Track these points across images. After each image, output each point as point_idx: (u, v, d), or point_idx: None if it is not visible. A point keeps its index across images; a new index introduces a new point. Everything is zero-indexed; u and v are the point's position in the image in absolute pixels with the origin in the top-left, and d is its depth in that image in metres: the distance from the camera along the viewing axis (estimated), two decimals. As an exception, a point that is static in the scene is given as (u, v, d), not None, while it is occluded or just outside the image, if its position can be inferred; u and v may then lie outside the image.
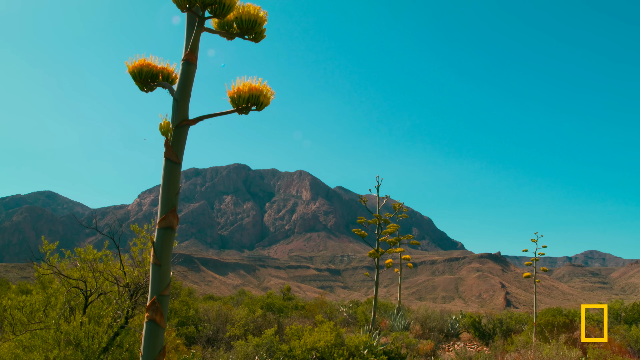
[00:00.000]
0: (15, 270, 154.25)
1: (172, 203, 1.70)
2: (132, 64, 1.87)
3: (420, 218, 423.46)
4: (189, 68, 1.76)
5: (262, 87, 1.76)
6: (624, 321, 12.10)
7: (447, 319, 13.48)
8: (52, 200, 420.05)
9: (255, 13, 1.90)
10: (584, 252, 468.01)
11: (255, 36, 1.93)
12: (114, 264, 4.36)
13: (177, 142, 1.73)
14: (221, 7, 1.63)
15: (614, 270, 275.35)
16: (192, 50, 1.74)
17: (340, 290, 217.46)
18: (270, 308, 10.04)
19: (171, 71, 1.94)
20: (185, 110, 1.77)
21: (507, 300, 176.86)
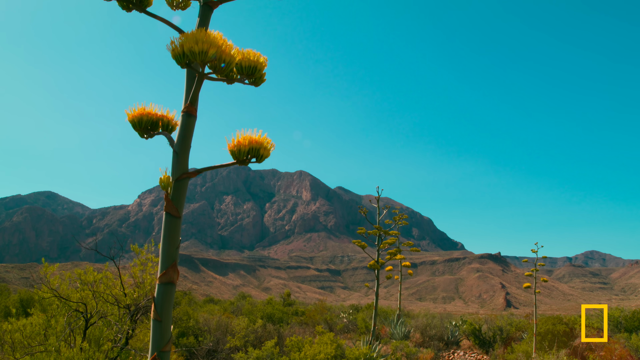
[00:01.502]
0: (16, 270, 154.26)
1: (172, 257, 1.70)
2: (132, 113, 1.87)
3: (421, 218, 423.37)
4: (189, 120, 1.76)
5: (262, 140, 1.76)
6: (624, 329, 12.09)
7: (447, 325, 13.47)
8: (52, 201, 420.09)
9: (255, 59, 1.91)
10: (584, 253, 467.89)
11: (255, 80, 1.93)
12: (115, 285, 4.37)
13: (178, 195, 1.73)
14: (221, 64, 1.63)
15: (614, 271, 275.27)
16: (192, 102, 1.74)
17: (340, 290, 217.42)
18: (271, 318, 10.04)
19: (171, 118, 1.94)
20: (185, 163, 1.77)
21: (507, 300, 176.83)
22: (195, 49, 1.55)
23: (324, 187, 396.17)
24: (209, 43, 1.56)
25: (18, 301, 11.05)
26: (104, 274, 4.32)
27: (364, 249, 8.09)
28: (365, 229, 8.32)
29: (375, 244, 8.30)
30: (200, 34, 1.57)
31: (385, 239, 8.32)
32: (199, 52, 1.56)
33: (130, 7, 1.78)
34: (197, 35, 1.56)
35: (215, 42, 1.58)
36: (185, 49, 1.57)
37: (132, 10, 1.80)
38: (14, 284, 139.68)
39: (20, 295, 10.95)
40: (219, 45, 1.59)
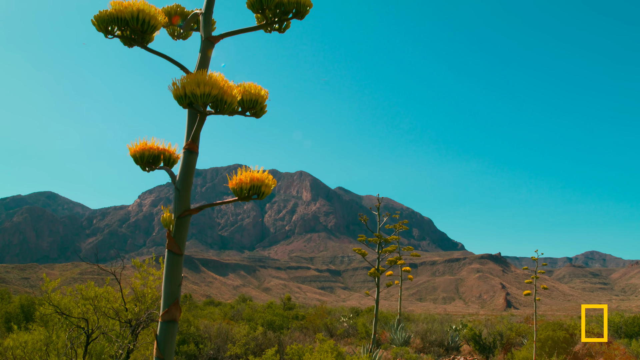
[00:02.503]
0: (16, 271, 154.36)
1: (174, 295, 1.71)
2: (134, 148, 1.89)
3: (421, 219, 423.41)
4: (190, 157, 1.77)
5: (263, 177, 1.77)
6: (624, 334, 12.10)
7: (447, 329, 13.48)
8: (52, 201, 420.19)
9: (256, 92, 1.92)
10: (585, 253, 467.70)
11: (255, 112, 1.95)
12: (115, 299, 4.38)
13: (180, 232, 1.74)
14: (222, 105, 1.64)
15: (615, 271, 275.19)
16: (194, 140, 1.75)
17: (340, 291, 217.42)
18: (271, 325, 10.05)
19: (172, 152, 1.95)
20: (187, 199, 1.78)
21: (507, 301, 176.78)
22: (197, 91, 1.56)
23: (324, 187, 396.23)
24: (210, 85, 1.57)
25: (19, 306, 11.06)
26: (105, 289, 4.34)
27: (365, 257, 8.11)
28: (365, 236, 8.34)
29: (376, 252, 8.32)
30: (202, 76, 1.58)
31: (385, 246, 8.34)
32: (201, 95, 1.57)
33: (131, 43, 1.79)
34: (198, 78, 1.57)
35: (216, 84, 1.59)
36: (187, 91, 1.58)
37: (133, 46, 1.81)
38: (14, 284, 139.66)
39: (21, 301, 10.96)
40: (221, 87, 1.60)
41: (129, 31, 1.74)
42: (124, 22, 1.72)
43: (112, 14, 1.71)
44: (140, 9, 1.70)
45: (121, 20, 1.71)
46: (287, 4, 1.86)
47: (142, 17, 1.70)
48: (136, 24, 1.70)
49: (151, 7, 1.74)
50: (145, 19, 1.71)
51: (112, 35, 1.76)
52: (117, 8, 1.71)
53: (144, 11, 1.70)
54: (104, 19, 1.71)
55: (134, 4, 1.70)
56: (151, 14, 1.72)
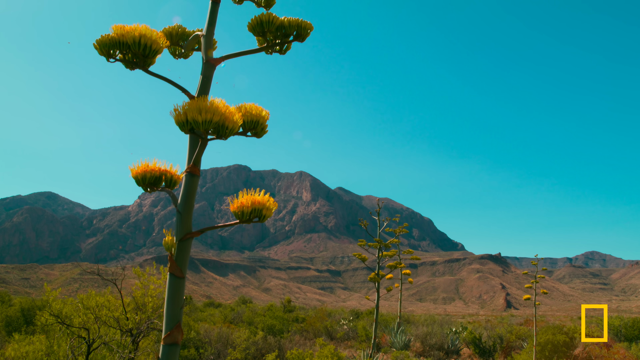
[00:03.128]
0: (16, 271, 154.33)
1: (176, 318, 1.72)
2: (136, 170, 1.89)
3: (421, 219, 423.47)
4: (192, 180, 1.78)
5: (264, 201, 1.78)
6: (624, 337, 12.10)
7: (447, 332, 13.49)
8: (52, 201, 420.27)
9: (257, 114, 1.93)
10: (585, 253, 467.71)
11: (256, 133, 1.96)
12: (116, 307, 4.39)
13: (181, 255, 1.75)
14: (224, 131, 1.64)
15: (615, 272, 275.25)
16: (195, 163, 1.76)
17: (340, 291, 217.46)
18: (271, 329, 10.06)
19: (174, 173, 1.95)
20: (189, 222, 1.78)
21: (507, 301, 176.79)
22: (198, 119, 1.57)
23: (324, 187, 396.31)
24: (212, 112, 1.58)
25: (19, 310, 11.06)
26: (106, 298, 4.35)
27: (365, 262, 8.11)
28: (366, 240, 8.34)
29: (375, 257, 8.33)
30: (203, 103, 1.59)
31: (386, 251, 8.35)
32: (203, 122, 1.58)
33: (133, 67, 1.79)
34: (200, 105, 1.58)
35: (218, 111, 1.60)
36: (189, 117, 1.59)
37: (135, 69, 1.82)
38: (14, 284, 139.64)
39: (22, 305, 10.97)
40: (222, 113, 1.61)
41: (130, 55, 1.75)
42: (126, 47, 1.72)
43: (114, 38, 1.71)
44: (142, 34, 1.70)
45: (123, 44, 1.72)
46: (288, 27, 1.87)
47: (144, 42, 1.71)
48: (138, 48, 1.71)
49: (153, 31, 1.75)
50: (147, 44, 1.71)
51: (114, 59, 1.76)
52: (119, 32, 1.71)
53: (145, 36, 1.71)
54: (106, 44, 1.72)
55: (136, 29, 1.71)
56: (153, 38, 1.72)
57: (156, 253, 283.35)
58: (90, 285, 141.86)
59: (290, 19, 1.88)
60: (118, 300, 4.59)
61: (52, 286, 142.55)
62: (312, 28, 1.90)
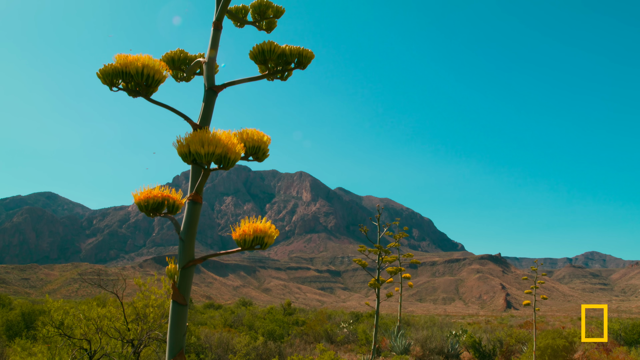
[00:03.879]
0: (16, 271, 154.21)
1: (179, 345, 1.73)
2: (139, 196, 1.90)
3: (421, 219, 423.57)
4: (194, 207, 1.79)
5: (265, 229, 1.79)
6: (624, 341, 12.12)
7: (448, 335, 13.51)
8: (52, 201, 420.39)
9: (259, 139, 1.94)
10: (585, 254, 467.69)
11: (258, 157, 1.97)
12: (118, 318, 4.41)
13: (184, 283, 1.76)
14: (226, 162, 1.66)
15: (615, 272, 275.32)
16: (198, 192, 1.77)
17: (340, 291, 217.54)
18: (272, 334, 10.08)
19: (176, 198, 1.97)
20: (191, 250, 1.80)
21: (507, 301, 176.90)
22: (201, 151, 1.59)
23: (324, 187, 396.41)
24: (214, 145, 1.59)
25: (19, 314, 11.08)
26: (107, 309, 4.37)
27: (365, 268, 8.13)
28: (366, 246, 8.35)
29: (375, 262, 8.34)
30: (206, 135, 1.61)
31: (386, 256, 8.36)
32: (205, 154, 1.59)
33: (135, 95, 1.81)
34: (202, 137, 1.60)
35: (220, 142, 1.61)
36: (192, 149, 1.60)
37: (137, 97, 1.84)
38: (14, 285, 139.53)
39: (22, 309, 10.98)
40: (225, 145, 1.62)
41: (133, 84, 1.77)
42: (129, 76, 1.74)
43: (117, 68, 1.73)
44: (145, 64, 1.72)
45: (126, 74, 1.73)
46: (289, 56, 1.89)
47: (147, 72, 1.72)
48: (141, 79, 1.73)
49: (155, 61, 1.76)
50: (150, 74, 1.73)
51: (116, 88, 1.78)
52: (122, 62, 1.73)
53: (148, 66, 1.72)
54: (109, 73, 1.74)
55: (139, 59, 1.72)
56: (155, 68, 1.74)
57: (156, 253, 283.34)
58: (90, 286, 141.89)
59: (291, 48, 1.90)
60: (119, 309, 4.61)
61: (52, 286, 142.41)
62: (313, 56, 1.92)
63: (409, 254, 13.13)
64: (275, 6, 2.12)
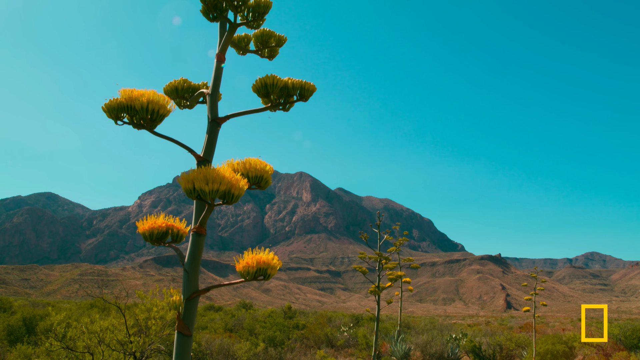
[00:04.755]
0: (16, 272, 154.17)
1: (183, 377, 1.76)
2: (144, 226, 1.93)
3: (421, 219, 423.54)
4: (198, 239, 1.82)
5: (269, 260, 1.81)
6: (623, 346, 12.13)
7: (448, 338, 13.54)
8: (52, 202, 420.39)
9: (261, 168, 1.97)
10: (585, 254, 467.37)
11: (260, 186, 2.00)
12: (120, 331, 4.43)
13: (189, 314, 1.79)
14: (230, 197, 1.68)
15: (615, 272, 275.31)
16: (202, 224, 1.80)
17: (340, 292, 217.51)
18: (273, 340, 10.12)
19: (180, 227, 1.99)
20: (195, 281, 1.82)
21: (507, 302, 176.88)
22: (205, 189, 1.61)
23: (324, 188, 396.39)
24: (218, 182, 1.62)
25: (21, 319, 11.10)
26: (110, 322, 4.40)
27: (365, 275, 8.15)
28: (366, 253, 8.38)
29: (376, 269, 8.38)
30: (210, 173, 1.63)
31: (387, 258, 8.40)
32: (209, 192, 1.62)
33: (140, 128, 1.84)
34: (207, 175, 1.63)
35: (224, 180, 1.64)
36: (196, 186, 1.63)
37: (141, 129, 1.86)
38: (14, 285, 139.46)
39: (23, 314, 11.01)
40: (228, 182, 1.65)
41: (137, 118, 1.80)
42: (134, 111, 1.77)
43: (122, 103, 1.76)
44: (150, 100, 1.75)
45: (131, 108, 1.76)
46: (291, 89, 1.91)
47: (152, 108, 1.75)
48: (146, 114, 1.75)
49: (160, 96, 1.79)
50: (155, 109, 1.76)
51: (121, 122, 1.81)
52: (127, 97, 1.75)
53: (153, 102, 1.75)
54: (114, 108, 1.76)
55: (144, 95, 1.75)
56: (160, 103, 1.77)
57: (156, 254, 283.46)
58: (90, 285, 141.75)
59: (294, 81, 1.93)
60: (121, 319, 4.64)
61: (53, 287, 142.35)
62: (315, 89, 1.95)
63: (409, 258, 13.15)
64: (277, 35, 2.15)
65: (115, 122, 1.82)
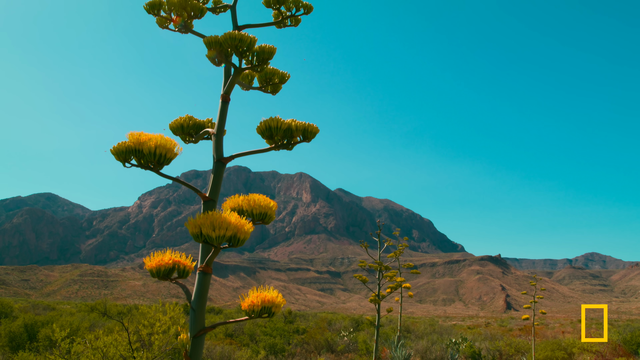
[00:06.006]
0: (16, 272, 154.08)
1: (190, 413, 1.81)
2: (151, 263, 1.98)
3: (421, 220, 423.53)
4: (204, 278, 1.87)
5: (273, 299, 1.86)
6: (622, 352, 12.18)
7: (447, 342, 13.59)
8: (52, 202, 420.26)
9: (266, 205, 2.02)
10: (585, 255, 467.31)
11: (264, 221, 2.05)
12: (123, 347, 4.47)
13: (196, 351, 1.83)
14: (235, 241, 1.73)
15: (615, 273, 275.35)
16: (208, 264, 1.85)
17: (340, 292, 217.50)
18: (273, 348, 10.18)
19: (186, 263, 2.04)
20: (202, 319, 1.87)
21: (507, 302, 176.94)
22: (212, 235, 1.66)
23: (324, 188, 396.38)
24: (224, 228, 1.67)
25: (22, 326, 11.15)
26: (113, 337, 4.44)
27: (365, 283, 8.20)
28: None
29: (376, 278, 8.41)
30: (217, 218, 1.68)
31: (387, 267, 8.45)
32: (216, 237, 1.67)
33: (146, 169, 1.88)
34: (213, 221, 1.67)
35: (230, 225, 1.69)
36: (203, 232, 1.68)
37: (147, 170, 1.91)
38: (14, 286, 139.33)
39: (25, 320, 11.05)
40: (235, 227, 1.70)
41: (144, 160, 1.84)
42: (141, 154, 1.81)
43: (130, 147, 1.80)
44: (158, 145, 1.79)
45: (139, 152, 1.81)
46: (295, 131, 1.96)
47: (159, 152, 1.80)
48: (153, 158, 1.80)
49: (167, 140, 1.84)
50: (162, 153, 1.81)
51: (129, 164, 1.86)
52: (135, 141, 1.80)
53: (160, 146, 1.80)
54: (123, 151, 1.81)
55: (152, 139, 1.80)
56: (167, 147, 1.81)
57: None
58: (90, 286, 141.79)
59: (297, 124, 1.98)
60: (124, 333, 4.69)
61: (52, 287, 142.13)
62: (318, 131, 2.00)
63: (409, 263, 13.20)
64: (280, 73, 2.21)
65: (123, 164, 1.87)
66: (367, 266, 8.64)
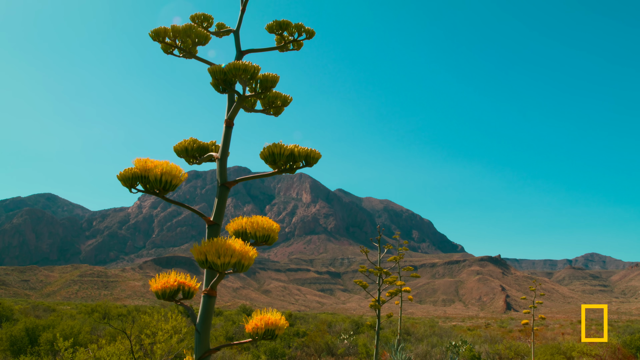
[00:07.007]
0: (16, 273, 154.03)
1: None
2: (156, 285, 2.01)
3: (421, 221, 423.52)
4: (209, 301, 1.91)
5: (277, 321, 1.89)
6: (622, 355, 12.22)
7: (447, 345, 13.63)
8: (52, 203, 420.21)
9: (268, 227, 2.05)
10: (585, 255, 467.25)
11: (267, 242, 2.09)
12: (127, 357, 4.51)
13: (200, 373, 1.88)
14: (240, 267, 1.77)
15: (615, 273, 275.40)
16: (213, 287, 1.89)
17: (340, 293, 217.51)
18: (274, 353, 10.21)
19: (191, 285, 2.07)
20: (207, 341, 1.91)
21: (507, 303, 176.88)
22: (217, 262, 1.70)
23: (324, 189, 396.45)
24: (229, 256, 1.71)
25: (23, 330, 11.17)
26: (116, 347, 4.49)
27: (366, 289, 8.24)
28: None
29: (376, 283, 8.45)
30: (222, 246, 1.72)
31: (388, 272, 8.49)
32: (221, 265, 1.70)
33: (152, 194, 1.92)
34: (218, 248, 1.71)
35: (235, 252, 1.72)
36: (208, 259, 1.72)
37: (153, 195, 1.95)
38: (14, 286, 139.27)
39: (26, 324, 11.08)
40: (239, 253, 1.74)
41: (150, 186, 1.88)
42: (147, 180, 1.85)
43: (137, 173, 1.84)
44: (164, 172, 1.83)
45: (145, 178, 1.85)
46: (297, 157, 2.00)
47: (165, 179, 1.83)
48: (159, 185, 1.84)
49: (172, 167, 1.87)
50: (168, 180, 1.84)
51: (135, 189, 1.89)
52: (141, 168, 1.83)
53: (166, 173, 1.83)
54: (129, 178, 1.85)
55: (158, 167, 1.83)
56: (173, 174, 1.85)
57: (156, 254, 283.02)
58: (90, 287, 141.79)
59: (300, 149, 2.01)
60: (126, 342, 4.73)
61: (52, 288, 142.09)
62: (320, 156, 2.03)
63: (409, 267, 13.23)
64: (283, 96, 2.25)
65: (129, 190, 1.91)
66: (367, 271, 8.68)
